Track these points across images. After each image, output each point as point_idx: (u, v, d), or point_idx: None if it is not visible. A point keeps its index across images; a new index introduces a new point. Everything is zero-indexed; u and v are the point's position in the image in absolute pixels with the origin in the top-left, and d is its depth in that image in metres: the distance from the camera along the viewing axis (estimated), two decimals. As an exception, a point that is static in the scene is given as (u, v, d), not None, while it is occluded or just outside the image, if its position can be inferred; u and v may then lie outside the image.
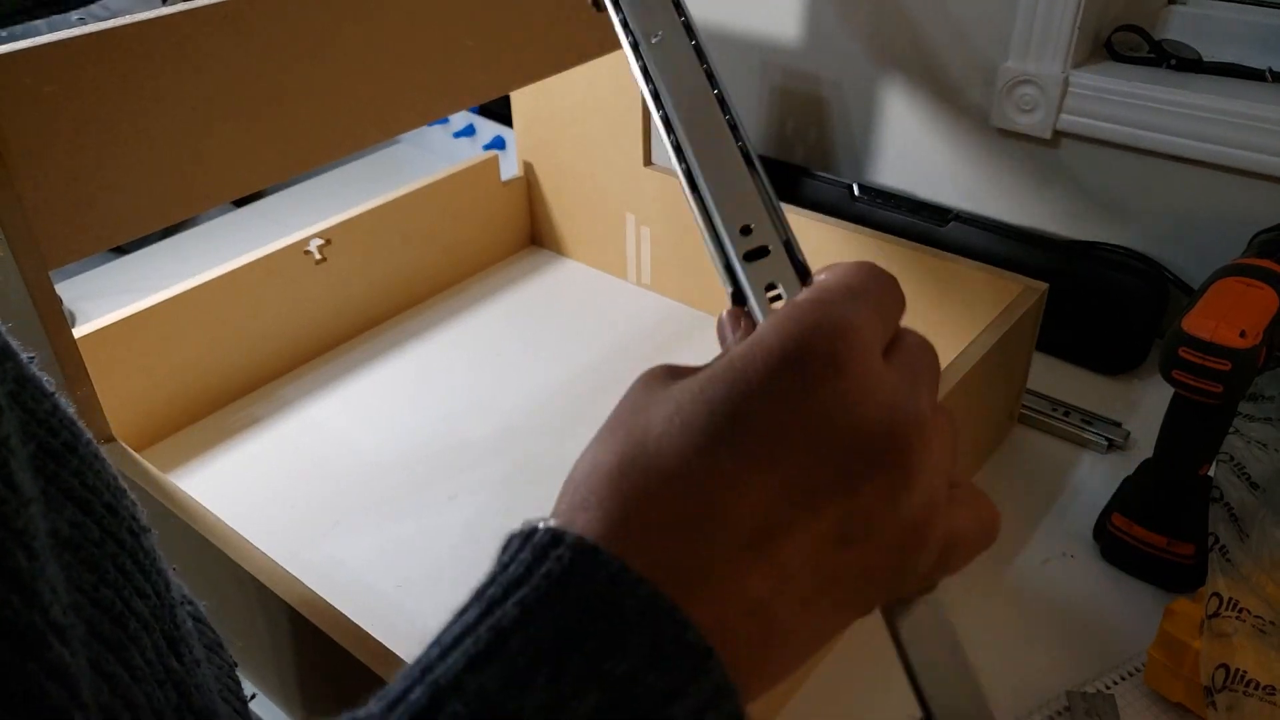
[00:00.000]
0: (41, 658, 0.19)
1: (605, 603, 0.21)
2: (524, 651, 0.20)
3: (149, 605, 0.26)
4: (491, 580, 0.22)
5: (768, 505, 0.23)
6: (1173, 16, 0.90)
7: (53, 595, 0.20)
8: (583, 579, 0.21)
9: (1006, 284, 0.73)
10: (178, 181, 0.57)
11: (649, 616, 0.21)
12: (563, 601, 0.21)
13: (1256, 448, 0.64)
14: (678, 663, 0.21)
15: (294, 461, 0.76)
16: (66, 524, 0.24)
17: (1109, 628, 0.61)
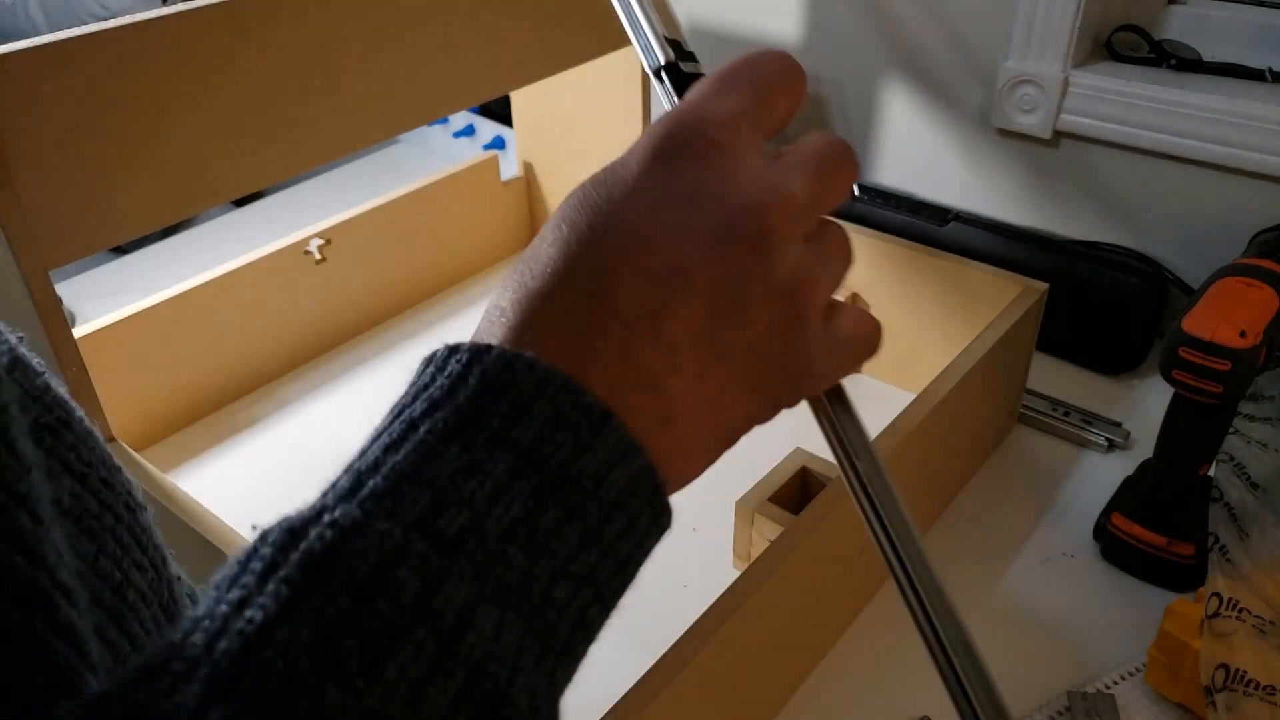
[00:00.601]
0: (49, 617, 0.19)
1: (503, 385, 0.23)
2: (433, 431, 0.22)
3: (146, 578, 0.27)
4: (402, 396, 0.24)
5: (646, 285, 0.25)
6: (1173, 16, 0.90)
7: (58, 559, 0.21)
8: (481, 370, 0.23)
9: (1007, 284, 0.73)
10: (177, 181, 0.57)
11: (546, 388, 0.23)
12: (464, 390, 0.23)
13: (1257, 447, 0.64)
14: (579, 423, 0.23)
15: (294, 461, 0.76)
16: (67, 494, 0.24)
17: (1109, 628, 0.61)
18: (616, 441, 0.23)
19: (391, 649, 0.19)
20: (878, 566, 0.64)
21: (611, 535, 0.23)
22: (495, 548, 0.21)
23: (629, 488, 0.23)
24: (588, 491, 0.22)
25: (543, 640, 0.22)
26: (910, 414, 0.60)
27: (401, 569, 0.20)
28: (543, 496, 0.22)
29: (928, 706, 0.57)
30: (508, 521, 0.21)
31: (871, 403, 0.82)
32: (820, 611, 0.58)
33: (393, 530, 0.20)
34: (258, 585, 0.20)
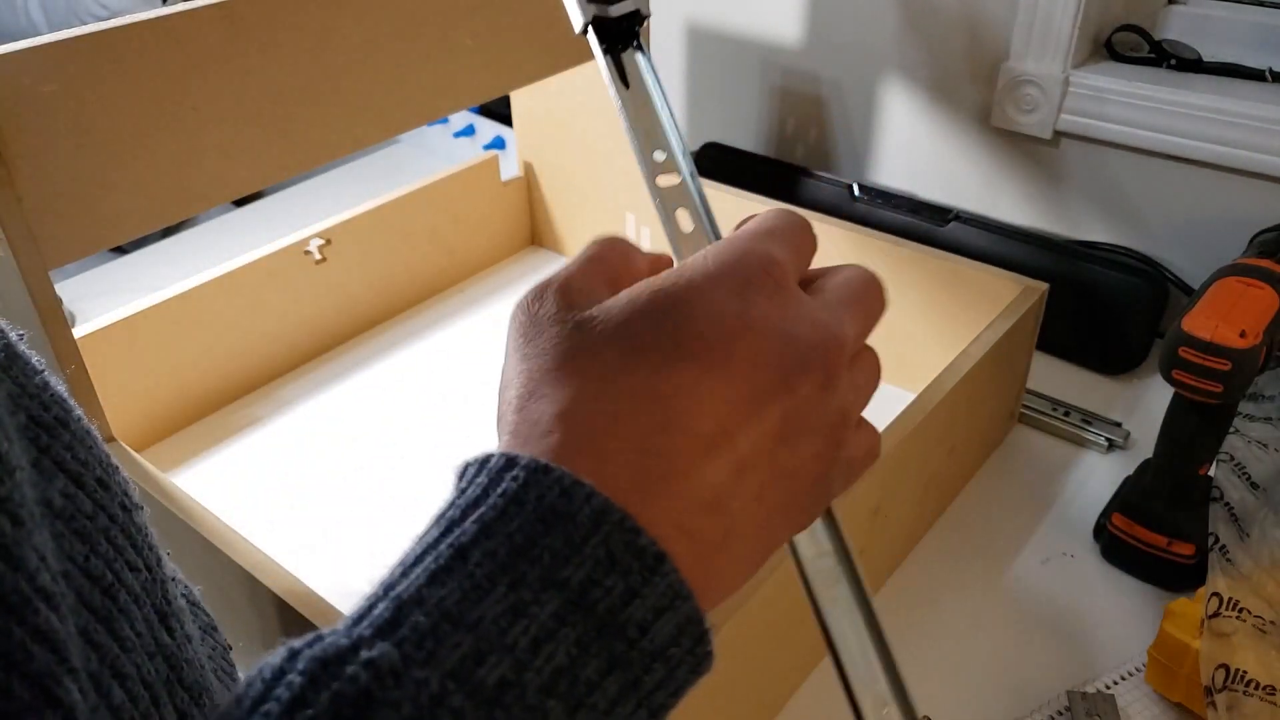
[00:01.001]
0: (26, 621, 0.19)
1: (559, 515, 0.22)
2: (482, 565, 0.21)
3: (140, 579, 0.27)
4: (450, 504, 0.23)
5: (723, 410, 0.25)
6: (1173, 16, 0.90)
7: (40, 562, 0.20)
8: (537, 495, 0.22)
9: (1007, 284, 0.73)
10: (177, 181, 0.57)
11: (602, 525, 0.22)
12: (518, 517, 0.22)
13: (1257, 447, 0.64)
14: (631, 567, 0.22)
15: (294, 461, 0.76)
16: (59, 495, 0.24)
17: (1109, 627, 0.61)
18: (667, 588, 0.23)
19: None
20: (877, 567, 0.64)
21: (650, 685, 0.22)
22: (534, 700, 0.21)
23: (673, 637, 0.23)
24: (632, 641, 0.22)
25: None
26: (910, 414, 0.60)
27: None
28: (587, 645, 0.21)
29: (927, 706, 0.57)
30: (550, 672, 0.21)
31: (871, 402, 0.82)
32: (820, 611, 0.58)
33: (430, 680, 0.20)
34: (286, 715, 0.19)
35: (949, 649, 0.60)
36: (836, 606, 0.29)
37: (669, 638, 0.23)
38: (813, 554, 0.30)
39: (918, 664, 0.60)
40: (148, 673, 0.25)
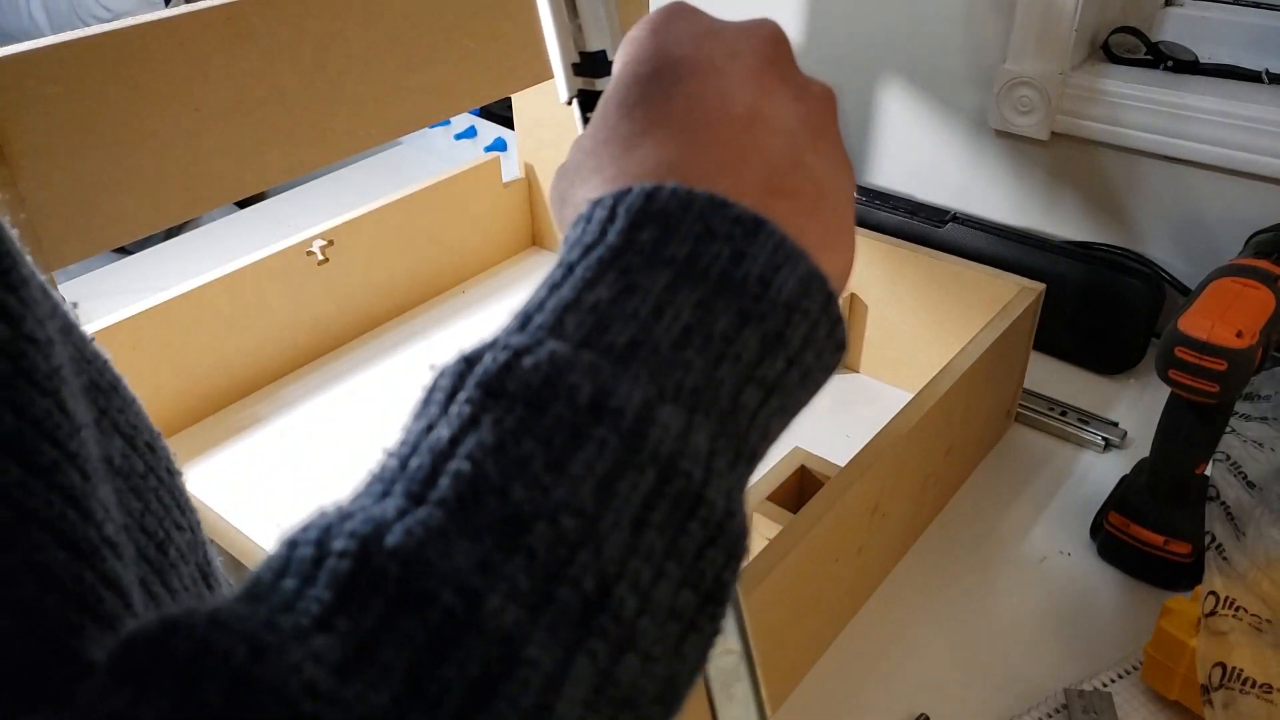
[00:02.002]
0: (96, 568, 0.20)
1: (649, 214, 0.23)
2: (590, 268, 0.23)
3: (184, 538, 0.28)
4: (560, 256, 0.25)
5: (744, 92, 0.27)
6: (1169, 18, 0.90)
7: (105, 514, 0.22)
8: (626, 208, 0.24)
9: (1004, 284, 0.73)
10: (180, 182, 0.57)
11: (691, 207, 0.23)
12: (612, 229, 0.23)
13: (1253, 447, 0.64)
14: (732, 233, 0.23)
15: (296, 461, 0.77)
16: (118, 454, 0.25)
17: (1106, 626, 0.62)
18: (774, 246, 0.23)
19: (572, 447, 0.20)
20: (876, 565, 0.65)
21: (795, 343, 0.23)
22: (669, 354, 0.22)
23: (801, 291, 0.23)
24: (756, 296, 0.23)
25: (735, 445, 0.22)
26: (908, 413, 0.61)
27: (573, 375, 0.20)
28: (712, 304, 0.22)
29: (925, 704, 0.57)
30: (678, 330, 0.22)
31: (869, 402, 0.82)
32: (818, 609, 0.58)
33: (560, 347, 0.21)
34: (441, 410, 0.21)
35: (946, 647, 0.61)
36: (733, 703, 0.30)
37: (795, 291, 0.23)
38: (719, 650, 0.30)
39: (915, 662, 0.60)
40: None
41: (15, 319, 0.20)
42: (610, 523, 0.19)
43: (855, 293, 0.80)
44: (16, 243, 0.22)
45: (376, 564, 0.18)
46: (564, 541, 0.19)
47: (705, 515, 0.20)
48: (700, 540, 0.20)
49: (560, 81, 0.35)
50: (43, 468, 0.20)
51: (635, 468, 0.20)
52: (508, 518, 0.19)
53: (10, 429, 0.19)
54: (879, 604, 0.64)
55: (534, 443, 0.20)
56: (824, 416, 0.79)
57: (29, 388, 0.20)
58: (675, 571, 0.20)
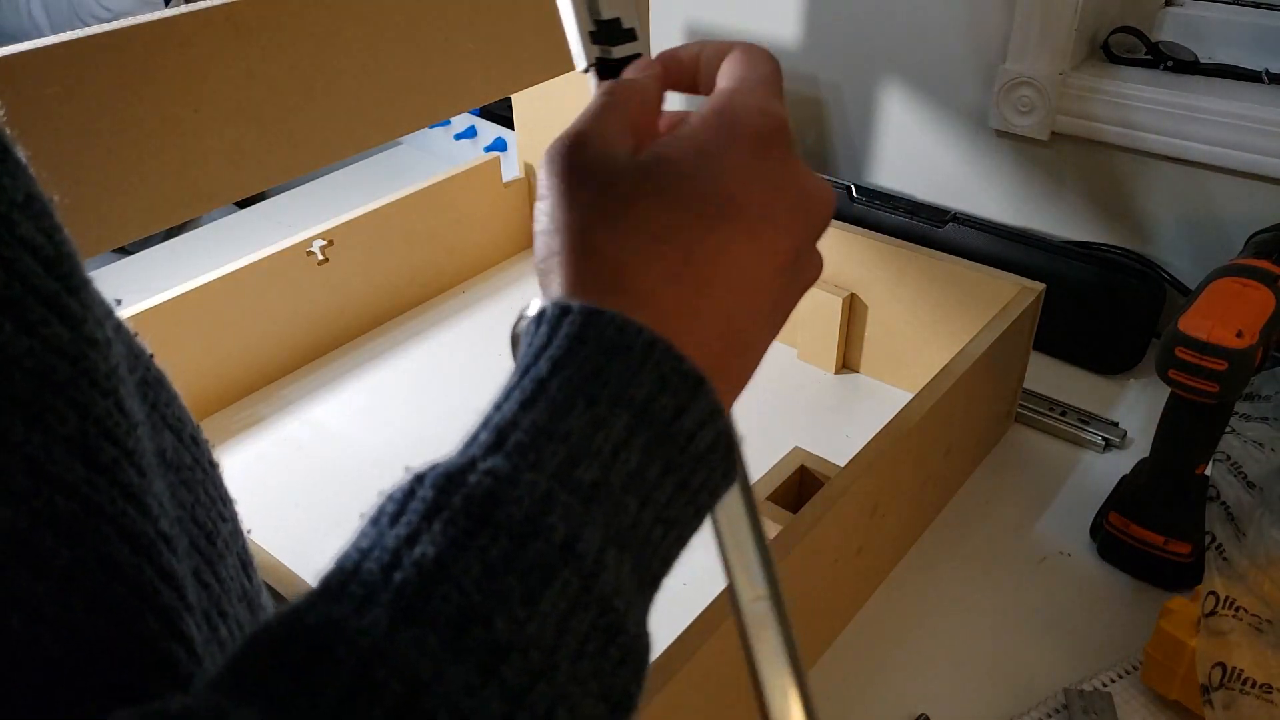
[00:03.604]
0: (153, 561, 0.21)
1: (616, 347, 0.26)
2: (561, 390, 0.25)
3: (227, 529, 0.29)
4: (524, 354, 0.27)
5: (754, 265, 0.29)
6: (1169, 18, 0.90)
7: (160, 509, 0.23)
8: (596, 333, 0.26)
9: (1004, 284, 0.73)
10: (180, 182, 0.57)
11: (653, 353, 0.26)
12: (582, 351, 0.25)
13: (1253, 447, 0.64)
14: (680, 387, 0.26)
15: (296, 461, 0.77)
16: (169, 448, 0.26)
17: (1106, 626, 0.62)
18: (707, 405, 0.26)
19: (544, 586, 0.22)
20: (876, 565, 0.65)
21: (696, 485, 0.26)
22: (618, 498, 0.24)
23: (711, 445, 0.26)
24: (682, 448, 0.26)
25: (642, 574, 0.25)
26: (908, 413, 0.61)
27: (550, 516, 0.22)
28: (651, 451, 0.25)
29: (925, 704, 0.57)
30: (626, 473, 0.24)
31: (869, 402, 0.82)
32: (818, 609, 0.58)
33: (539, 480, 0.23)
34: (424, 523, 0.22)
35: (946, 647, 0.61)
36: (766, 646, 0.32)
37: (708, 446, 0.26)
38: (750, 597, 0.32)
39: (915, 662, 0.60)
40: (239, 614, 0.28)
41: (76, 321, 0.21)
42: (562, 655, 0.21)
43: (855, 293, 0.80)
44: (73, 244, 0.22)
45: (378, 679, 0.19)
46: (529, 671, 0.21)
47: (623, 641, 0.23)
48: (615, 661, 0.23)
49: (576, 50, 0.35)
50: (104, 466, 0.21)
51: (584, 606, 0.22)
52: (489, 646, 0.20)
53: (74, 429, 0.20)
54: (879, 604, 0.64)
55: (515, 578, 0.21)
56: (824, 416, 0.80)
57: (90, 389, 0.21)
58: (595, 688, 0.22)
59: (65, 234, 0.22)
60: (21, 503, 0.19)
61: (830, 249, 0.81)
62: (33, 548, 0.19)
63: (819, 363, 0.84)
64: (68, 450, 0.20)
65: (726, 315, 0.28)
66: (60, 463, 0.20)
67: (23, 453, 0.19)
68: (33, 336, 0.20)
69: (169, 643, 0.21)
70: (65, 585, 0.19)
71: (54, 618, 0.19)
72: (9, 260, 0.20)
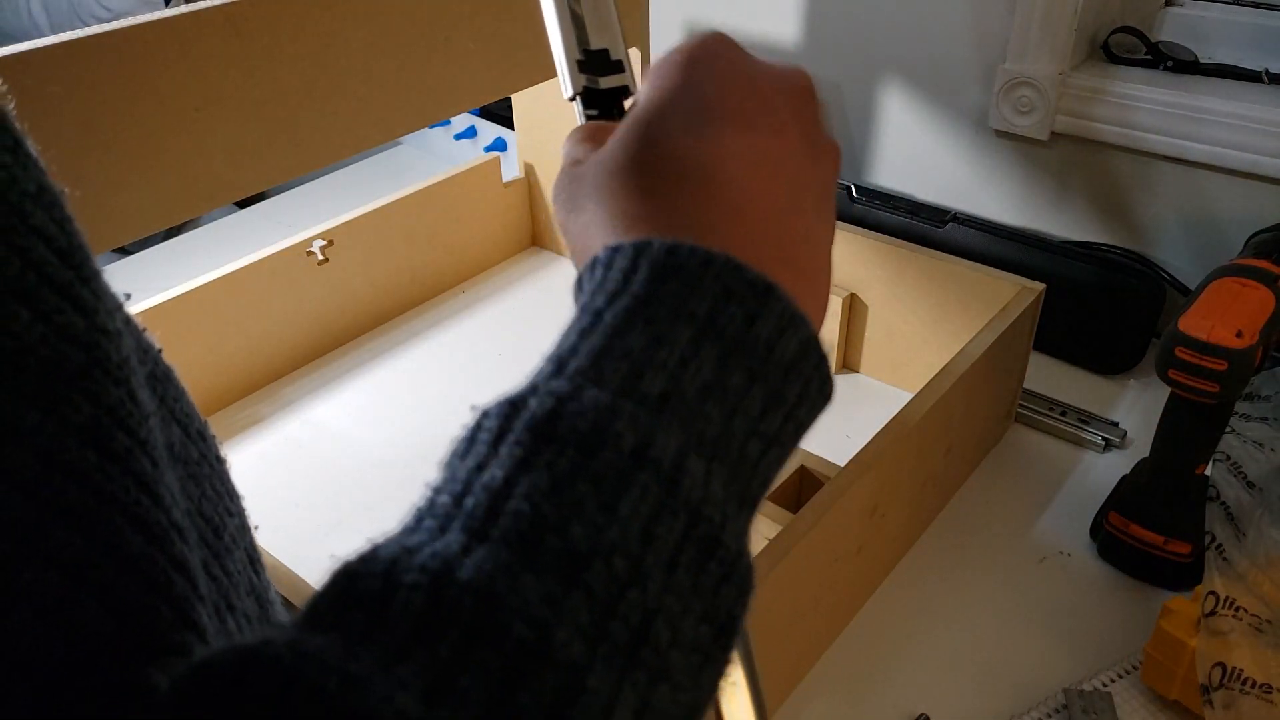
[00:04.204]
0: (166, 551, 0.21)
1: (671, 269, 0.25)
2: (618, 315, 0.24)
3: (234, 523, 0.29)
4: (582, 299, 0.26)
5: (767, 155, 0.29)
6: (1169, 18, 0.90)
7: (172, 500, 0.23)
8: (649, 261, 0.25)
9: (1004, 284, 0.73)
10: (181, 182, 0.57)
11: (711, 266, 0.25)
12: (636, 279, 0.25)
13: (1253, 447, 0.64)
14: (746, 295, 0.25)
15: (296, 461, 0.77)
16: (177, 441, 0.26)
17: (1106, 626, 0.62)
18: (781, 310, 0.25)
19: (621, 491, 0.21)
20: (876, 565, 0.65)
21: (791, 399, 0.25)
22: (695, 406, 0.23)
23: (799, 354, 0.26)
24: (763, 357, 0.25)
25: (740, 492, 0.24)
26: (908, 413, 0.61)
27: (617, 423, 0.22)
28: (726, 361, 0.24)
29: (925, 704, 0.57)
30: (700, 384, 0.24)
31: (869, 402, 0.82)
32: (818, 609, 0.58)
33: (602, 395, 0.23)
34: (490, 450, 0.22)
35: (946, 647, 0.61)
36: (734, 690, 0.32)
37: (795, 354, 0.25)
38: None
39: (915, 662, 0.60)
40: (247, 607, 0.28)
41: (89, 311, 0.21)
42: (652, 563, 0.21)
43: (855, 293, 0.80)
44: (84, 235, 0.22)
45: (450, 597, 0.19)
46: (616, 579, 0.20)
47: (722, 555, 0.22)
48: (717, 578, 0.22)
49: (564, 77, 0.35)
50: (117, 454, 0.21)
51: (671, 512, 0.21)
52: (567, 555, 0.20)
53: (88, 418, 0.20)
54: (879, 604, 0.64)
55: (587, 485, 0.21)
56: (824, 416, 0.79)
57: (103, 377, 0.21)
58: (698, 607, 0.21)
59: (76, 225, 0.22)
60: (33, 492, 0.19)
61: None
62: (45, 537, 0.19)
63: (819, 363, 0.84)
64: (80, 439, 0.20)
65: (773, 211, 0.28)
66: (73, 451, 0.20)
67: (35, 441, 0.19)
68: (47, 325, 0.20)
69: (183, 632, 0.21)
70: (77, 575, 0.19)
71: (66, 608, 0.19)
72: (24, 249, 0.20)
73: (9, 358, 0.19)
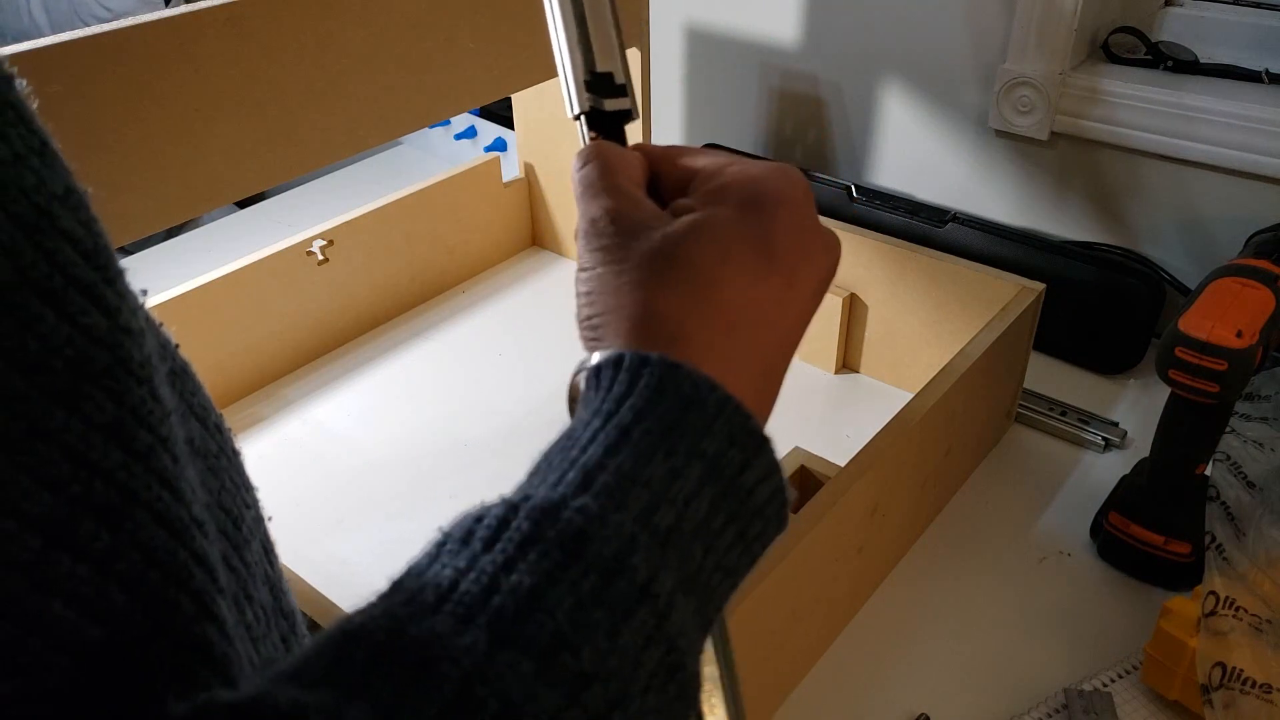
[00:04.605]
0: (187, 545, 0.22)
1: (692, 402, 0.27)
2: (644, 439, 0.27)
3: (251, 515, 0.30)
4: (601, 399, 0.28)
5: (797, 313, 0.32)
6: (1169, 18, 0.90)
7: (192, 494, 0.23)
8: (674, 386, 0.28)
9: (1004, 284, 0.73)
10: (181, 182, 0.57)
11: (725, 409, 0.28)
12: (662, 403, 0.27)
13: (1253, 447, 0.64)
14: (747, 442, 0.28)
15: (296, 460, 0.77)
16: (197, 435, 0.27)
17: (1106, 626, 0.62)
18: (769, 461, 0.28)
19: (625, 622, 0.23)
20: (876, 565, 0.65)
21: (752, 536, 0.28)
22: (688, 545, 0.26)
23: (768, 498, 0.28)
24: (743, 501, 0.28)
25: (701, 617, 0.26)
26: (908, 413, 0.61)
27: (634, 556, 0.24)
28: (717, 502, 0.27)
29: (925, 704, 0.57)
30: (696, 521, 0.26)
31: (869, 402, 0.82)
32: (818, 609, 0.58)
33: (625, 522, 0.25)
34: (520, 553, 0.23)
35: (946, 647, 0.61)
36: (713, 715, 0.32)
37: (766, 498, 0.28)
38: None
39: (915, 662, 0.60)
40: (263, 598, 0.29)
41: (113, 311, 0.22)
42: (635, 688, 0.23)
43: (855, 293, 0.80)
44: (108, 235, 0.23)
45: (479, 696, 0.20)
46: (608, 700, 0.22)
47: (681, 678, 0.25)
48: (674, 695, 0.24)
49: (570, 96, 0.36)
50: (140, 452, 0.21)
51: (656, 643, 0.24)
52: (576, 674, 0.22)
53: (112, 416, 0.21)
54: (879, 604, 0.64)
55: (602, 614, 0.23)
56: (824, 416, 0.80)
57: (126, 377, 0.22)
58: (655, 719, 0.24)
59: (101, 225, 0.23)
60: (62, 489, 0.20)
61: (830, 249, 0.81)
62: (74, 532, 0.20)
63: (819, 363, 0.84)
64: (105, 437, 0.21)
65: (769, 356, 0.31)
66: (98, 449, 0.20)
67: (63, 440, 0.20)
68: (73, 326, 0.20)
69: (203, 624, 0.22)
70: (105, 569, 0.20)
71: (95, 601, 0.20)
72: (50, 251, 0.21)
73: (37, 358, 0.20)
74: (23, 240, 0.20)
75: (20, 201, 0.20)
